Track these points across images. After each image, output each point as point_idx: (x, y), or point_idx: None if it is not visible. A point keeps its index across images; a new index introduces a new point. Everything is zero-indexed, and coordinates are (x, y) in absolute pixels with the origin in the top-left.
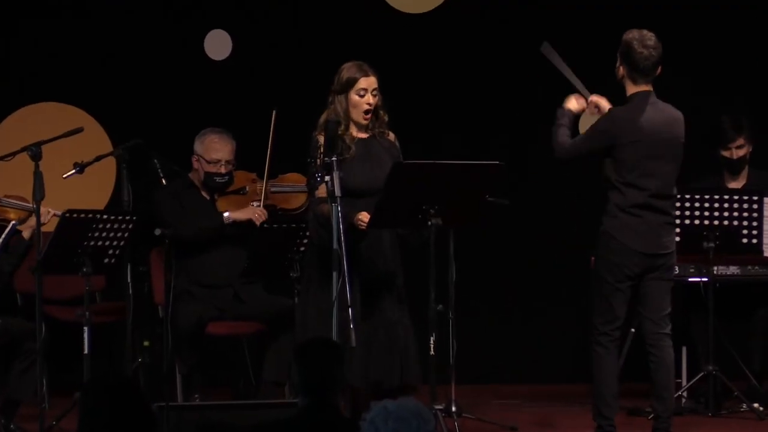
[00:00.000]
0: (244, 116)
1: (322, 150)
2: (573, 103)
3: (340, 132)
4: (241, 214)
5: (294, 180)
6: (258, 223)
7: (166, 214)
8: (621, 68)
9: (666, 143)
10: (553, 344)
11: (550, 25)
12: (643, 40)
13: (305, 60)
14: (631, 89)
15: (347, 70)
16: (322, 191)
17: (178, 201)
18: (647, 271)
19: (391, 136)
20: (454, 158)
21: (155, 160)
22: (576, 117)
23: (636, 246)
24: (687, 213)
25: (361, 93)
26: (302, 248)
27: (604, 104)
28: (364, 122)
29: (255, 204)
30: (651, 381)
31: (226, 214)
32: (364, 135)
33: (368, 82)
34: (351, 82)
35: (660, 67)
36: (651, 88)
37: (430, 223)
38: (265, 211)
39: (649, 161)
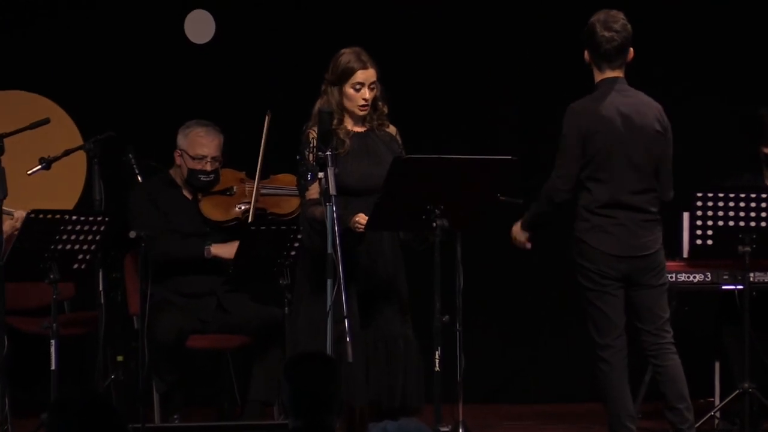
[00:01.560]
0: (232, 107)
1: (314, 144)
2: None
3: (333, 125)
4: (224, 251)
5: (287, 182)
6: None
7: (140, 219)
8: (586, 53)
9: (635, 132)
10: (570, 360)
11: (565, 14)
12: (607, 21)
13: (300, 43)
14: (598, 76)
15: (344, 59)
16: (313, 193)
17: (155, 203)
18: (631, 276)
19: (392, 129)
20: (462, 153)
21: (130, 155)
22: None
23: (610, 249)
24: (721, 213)
25: (357, 87)
26: (293, 252)
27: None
28: (362, 114)
29: (242, 206)
30: (661, 393)
31: (209, 247)
32: (360, 128)
33: (366, 75)
34: (347, 74)
35: (630, 52)
36: (620, 75)
37: (435, 224)
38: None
39: (616, 154)
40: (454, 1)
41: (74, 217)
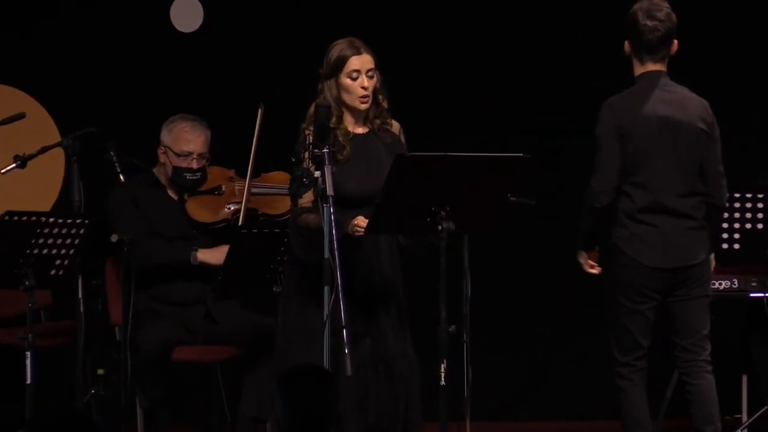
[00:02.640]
0: (220, 100)
1: (311, 142)
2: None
3: (332, 125)
4: (211, 257)
5: (280, 180)
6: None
7: (122, 222)
8: (627, 43)
9: (678, 131)
10: (586, 374)
11: (582, 4)
12: (650, 10)
13: (296, 32)
14: (638, 69)
15: (336, 49)
16: (306, 200)
17: (138, 204)
18: (672, 288)
19: (395, 126)
20: (469, 151)
21: (111, 153)
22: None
23: (648, 261)
24: (749, 216)
25: (354, 75)
26: (287, 257)
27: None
28: (363, 107)
29: (231, 206)
30: (690, 413)
31: (195, 253)
32: (361, 129)
33: (361, 61)
34: (340, 63)
35: (674, 44)
36: (662, 68)
37: (440, 227)
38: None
39: (656, 154)
40: None
41: (51, 220)
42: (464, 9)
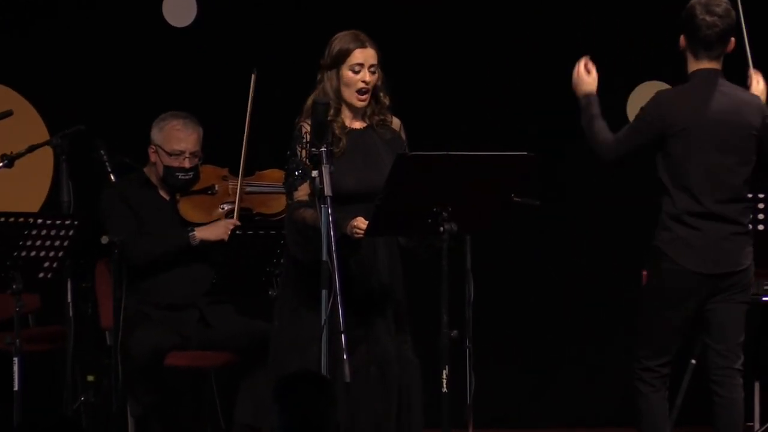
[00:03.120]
0: (213, 97)
1: (308, 140)
2: (588, 83)
3: (329, 118)
4: (210, 233)
5: (275, 178)
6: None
7: (113, 221)
8: (682, 38)
9: (730, 133)
10: (593, 380)
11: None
12: (709, 5)
13: (291, 27)
14: (692, 65)
15: (339, 40)
16: (302, 194)
17: (128, 204)
18: (712, 294)
19: (396, 123)
20: (472, 150)
21: (102, 152)
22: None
23: (693, 266)
24: (761, 217)
25: (356, 69)
26: (283, 260)
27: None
28: (360, 104)
29: (225, 206)
30: (714, 426)
31: (192, 233)
32: (359, 124)
33: (365, 55)
34: (343, 55)
35: (731, 42)
36: (717, 66)
37: (442, 229)
38: (239, 224)
39: (707, 156)
40: None
41: (40, 221)
42: (463, 9)
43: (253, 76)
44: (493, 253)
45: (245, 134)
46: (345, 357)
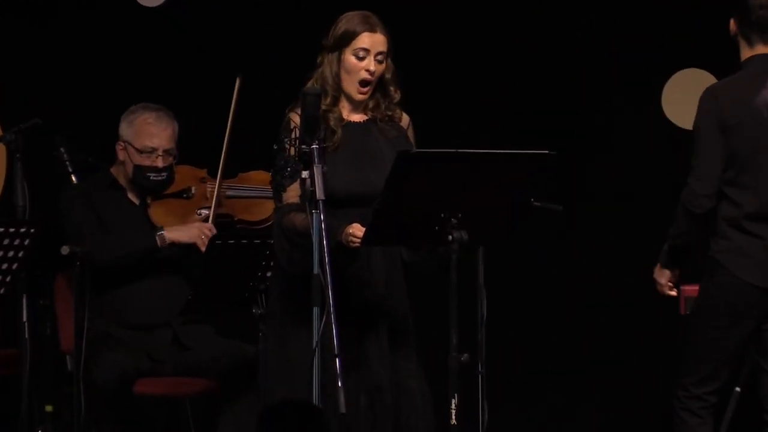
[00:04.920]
0: (190, 87)
1: (297, 135)
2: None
3: (324, 107)
4: (182, 234)
5: (260, 180)
6: (204, 248)
7: (75, 227)
8: (732, 21)
9: None
10: (622, 411)
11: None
12: None
13: (278, 8)
14: (746, 52)
15: (347, 20)
16: (292, 195)
17: (93, 208)
18: None
19: (405, 119)
20: (485, 148)
21: (62, 149)
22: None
23: (753, 278)
24: None
25: (360, 54)
26: (269, 273)
27: None
28: (359, 98)
29: (203, 212)
30: None
31: (161, 233)
32: (358, 117)
33: (373, 40)
34: (348, 37)
35: None
36: None
37: (450, 238)
38: (214, 230)
39: (765, 151)
40: None
41: None
42: (462, 10)
43: (237, 80)
44: (509, 266)
45: (227, 130)
46: (339, 384)
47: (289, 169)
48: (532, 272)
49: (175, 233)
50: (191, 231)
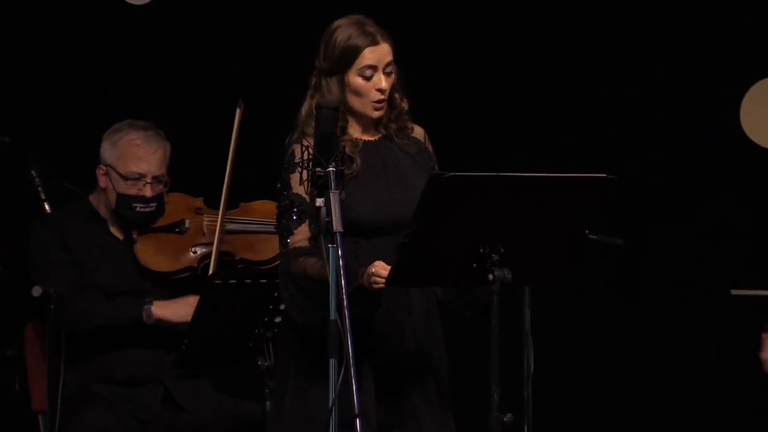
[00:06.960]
0: (183, 100)
1: (306, 158)
2: None
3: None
4: (172, 312)
5: (265, 212)
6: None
7: (45, 271)
8: None
9: None
10: None
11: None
12: None
13: (280, 6)
14: None
15: (342, 34)
16: (300, 237)
17: (67, 246)
18: None
19: (418, 131)
20: (527, 170)
21: (33, 172)
22: None
23: None
24: None
25: (367, 73)
26: (278, 319)
27: None
28: (377, 114)
29: (198, 249)
30: None
31: (149, 308)
32: (372, 136)
33: (378, 54)
34: (350, 57)
35: None
36: None
37: (491, 276)
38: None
39: None
40: None
41: None
42: (462, 12)
43: (238, 110)
44: (560, 309)
45: (229, 157)
46: None
47: (295, 209)
48: (587, 318)
49: (165, 310)
50: (182, 309)
